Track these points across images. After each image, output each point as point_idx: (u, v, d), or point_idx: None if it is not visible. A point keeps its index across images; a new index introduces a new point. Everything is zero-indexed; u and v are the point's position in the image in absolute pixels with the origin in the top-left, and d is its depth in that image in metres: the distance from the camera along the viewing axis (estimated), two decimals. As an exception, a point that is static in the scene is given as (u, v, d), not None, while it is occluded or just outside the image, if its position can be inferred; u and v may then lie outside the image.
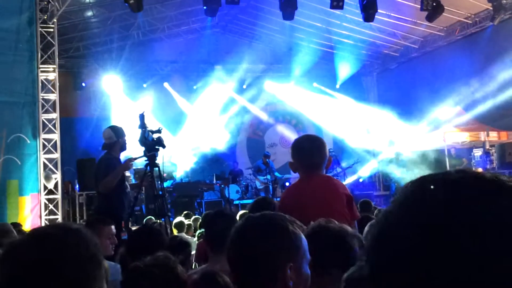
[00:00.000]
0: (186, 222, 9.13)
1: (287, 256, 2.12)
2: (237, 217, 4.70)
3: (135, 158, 7.91)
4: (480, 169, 14.35)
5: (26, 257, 1.63)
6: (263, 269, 2.11)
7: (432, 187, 0.87)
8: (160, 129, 8.32)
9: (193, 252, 6.07)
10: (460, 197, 0.84)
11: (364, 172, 19.58)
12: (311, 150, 4.18)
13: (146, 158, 8.12)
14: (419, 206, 0.86)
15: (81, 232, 1.73)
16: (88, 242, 1.71)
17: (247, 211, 8.92)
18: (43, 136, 12.32)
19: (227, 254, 2.23)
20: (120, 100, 19.12)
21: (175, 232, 8.38)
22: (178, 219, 9.24)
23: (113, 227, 4.94)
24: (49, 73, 12.73)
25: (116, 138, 7.20)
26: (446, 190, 0.85)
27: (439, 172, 0.91)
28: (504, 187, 0.84)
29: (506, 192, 0.83)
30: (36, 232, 1.78)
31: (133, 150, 8.36)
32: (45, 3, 12.64)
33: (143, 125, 8.09)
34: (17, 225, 8.08)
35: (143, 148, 8.09)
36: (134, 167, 10.75)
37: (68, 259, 1.63)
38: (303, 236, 2.21)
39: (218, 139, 20.16)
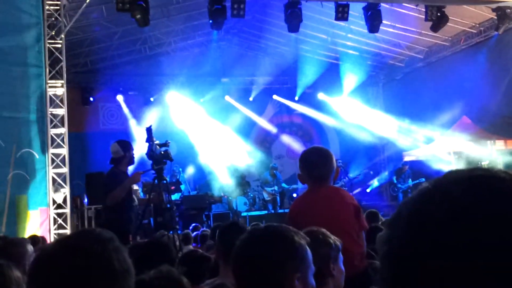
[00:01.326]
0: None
1: (294, 266, 2.15)
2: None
3: (143, 172, 7.97)
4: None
5: (58, 269, 1.59)
6: (270, 280, 2.12)
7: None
8: (168, 142, 8.38)
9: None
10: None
11: (371, 182, 19.58)
12: (318, 162, 4.25)
13: (154, 172, 8.18)
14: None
15: (116, 243, 1.69)
16: (123, 254, 1.67)
17: (255, 223, 8.98)
18: (51, 151, 12.39)
19: (232, 267, 2.26)
20: (128, 114, 19.23)
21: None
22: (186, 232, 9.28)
23: None
24: (57, 88, 12.83)
25: (123, 152, 7.27)
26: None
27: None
28: None
29: None
30: (69, 242, 1.72)
31: (141, 164, 8.44)
32: (53, 19, 12.77)
33: (150, 139, 8.15)
34: (39, 239, 8.13)
35: (150, 162, 8.16)
36: (142, 181, 10.83)
37: (103, 274, 1.59)
38: (307, 247, 2.24)
39: (226, 152, 20.18)
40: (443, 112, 16.81)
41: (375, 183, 19.75)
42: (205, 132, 20.12)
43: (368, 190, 19.46)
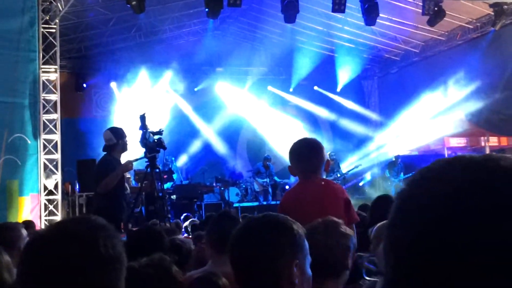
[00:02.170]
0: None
1: (293, 253, 2.14)
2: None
3: (135, 160, 7.92)
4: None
5: (49, 254, 1.59)
6: (269, 267, 2.12)
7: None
8: (161, 130, 8.33)
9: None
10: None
11: (364, 176, 19.60)
12: (307, 154, 4.18)
13: (146, 160, 8.13)
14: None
15: (108, 230, 1.68)
16: (115, 241, 1.66)
17: (245, 214, 8.96)
18: (43, 136, 12.33)
19: (230, 255, 2.23)
20: (121, 101, 19.14)
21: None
22: (175, 221, 9.25)
23: None
24: (51, 74, 12.75)
25: (116, 139, 7.19)
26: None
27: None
28: None
29: None
30: (61, 228, 1.72)
31: (134, 152, 8.38)
32: (48, 3, 12.66)
33: (144, 127, 8.10)
34: (31, 224, 8.09)
35: (143, 150, 8.11)
36: (134, 169, 10.77)
37: (90, 260, 1.59)
38: (303, 236, 2.23)
39: (218, 141, 20.17)
40: (438, 107, 16.82)
41: (368, 176, 19.76)
42: (198, 122, 20.09)
43: (361, 184, 19.46)
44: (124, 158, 7.52)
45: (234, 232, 2.25)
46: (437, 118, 16.96)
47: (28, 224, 7.63)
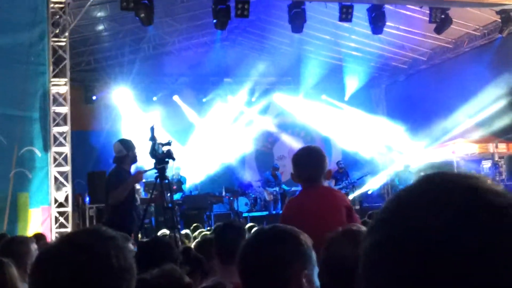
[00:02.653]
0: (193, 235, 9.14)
1: (302, 263, 2.17)
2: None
3: (146, 171, 7.97)
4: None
5: (59, 265, 1.60)
6: (278, 279, 2.14)
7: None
8: (170, 141, 8.37)
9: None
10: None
11: (373, 184, 19.55)
12: (308, 163, 4.23)
13: (156, 171, 8.17)
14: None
15: (119, 241, 1.69)
16: (126, 252, 1.68)
17: (252, 224, 8.97)
18: (54, 149, 12.38)
19: (238, 266, 2.25)
20: (131, 113, 19.23)
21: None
22: (184, 231, 9.26)
23: None
24: (61, 87, 12.82)
25: (126, 151, 7.25)
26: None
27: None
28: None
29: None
30: (72, 239, 1.73)
31: (144, 163, 8.42)
32: (57, 17, 12.77)
33: (153, 138, 8.14)
34: (42, 237, 8.12)
35: (153, 161, 8.15)
36: (144, 180, 10.82)
37: (101, 271, 1.60)
38: (311, 246, 2.26)
39: (227, 152, 20.21)
40: (446, 114, 16.79)
41: (376, 185, 19.71)
42: (207, 132, 20.17)
43: (369, 192, 19.43)
44: (133, 169, 7.58)
45: (243, 244, 2.28)
46: (445, 126, 16.90)
47: (39, 237, 7.66)
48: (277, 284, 2.15)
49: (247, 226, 6.92)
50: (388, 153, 20.25)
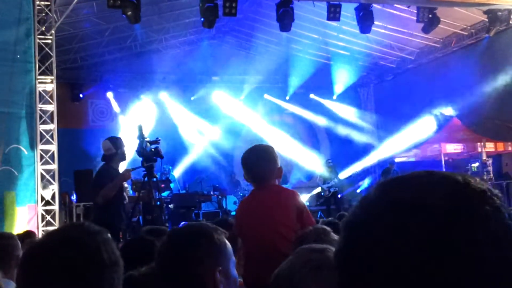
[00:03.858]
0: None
1: (214, 260, 2.23)
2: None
3: (133, 169, 7.92)
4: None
5: (47, 260, 1.58)
6: (193, 276, 2.21)
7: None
8: (158, 140, 8.34)
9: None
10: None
11: (361, 183, 19.62)
12: (256, 162, 4.17)
13: (144, 169, 8.13)
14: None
15: (106, 235, 1.70)
16: (113, 245, 1.69)
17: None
18: (40, 147, 12.28)
19: (156, 266, 2.34)
20: (118, 111, 19.14)
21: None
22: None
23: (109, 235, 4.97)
24: (47, 84, 12.72)
25: (115, 149, 7.20)
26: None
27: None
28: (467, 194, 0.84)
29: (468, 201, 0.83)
30: (60, 234, 1.72)
31: (132, 161, 8.38)
32: (43, 14, 12.67)
33: (141, 136, 8.10)
34: (33, 234, 8.01)
35: (141, 159, 8.11)
36: (132, 178, 10.76)
37: (92, 265, 1.60)
38: (227, 241, 2.33)
39: (216, 150, 20.17)
40: (434, 113, 16.85)
41: (365, 183, 19.78)
42: (195, 131, 20.11)
43: (358, 191, 19.47)
44: (122, 167, 7.52)
45: (160, 244, 2.35)
46: (434, 125, 16.97)
47: (29, 234, 7.58)
48: (192, 282, 2.20)
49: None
50: (376, 152, 20.29)
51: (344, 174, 18.40)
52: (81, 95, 18.91)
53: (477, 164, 16.35)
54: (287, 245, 3.64)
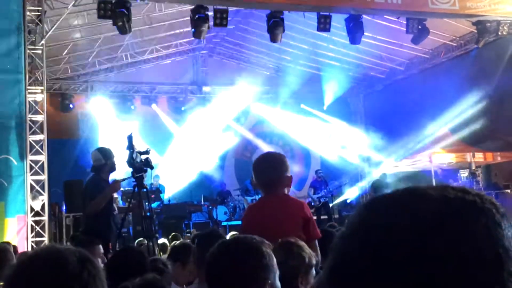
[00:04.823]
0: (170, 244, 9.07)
1: (265, 275, 2.25)
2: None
3: (123, 179, 7.89)
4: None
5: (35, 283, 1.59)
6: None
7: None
8: (148, 150, 8.31)
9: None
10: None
11: (351, 193, 19.64)
12: (266, 169, 4.19)
13: (134, 180, 8.10)
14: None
15: (95, 266, 1.69)
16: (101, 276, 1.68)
17: (235, 232, 8.94)
18: (30, 157, 12.23)
19: (206, 278, 2.32)
20: (108, 121, 19.09)
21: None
22: (161, 241, 9.19)
23: (100, 246, 4.97)
24: (37, 95, 12.68)
25: (104, 160, 7.19)
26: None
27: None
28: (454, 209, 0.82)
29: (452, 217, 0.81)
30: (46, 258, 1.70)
31: (122, 171, 8.35)
32: (34, 25, 12.65)
33: (131, 147, 8.07)
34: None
35: (130, 170, 8.08)
36: (122, 189, 10.73)
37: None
38: (272, 254, 2.35)
39: (206, 161, 20.14)
40: (423, 124, 16.91)
41: (355, 193, 19.79)
42: (185, 141, 20.09)
43: (348, 201, 19.49)
44: (112, 178, 7.50)
45: (208, 256, 2.33)
46: (423, 135, 17.03)
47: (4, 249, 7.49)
48: None
49: (229, 235, 6.88)
50: (366, 162, 20.35)
51: (333, 184, 18.42)
52: (71, 106, 18.84)
53: (466, 174, 16.43)
54: None
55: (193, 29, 13.14)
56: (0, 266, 4.15)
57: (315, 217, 17.38)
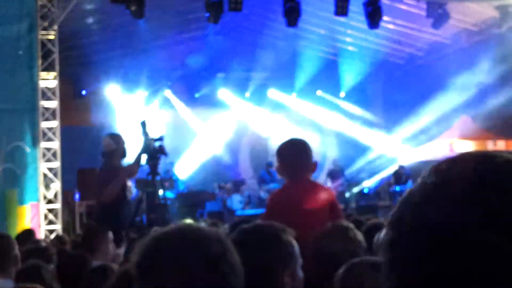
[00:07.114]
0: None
1: (284, 263, 2.22)
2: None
3: (139, 164, 7.73)
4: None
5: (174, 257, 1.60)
6: (263, 281, 2.14)
7: None
8: (162, 136, 8.15)
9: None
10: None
11: (369, 182, 19.39)
12: (294, 154, 4.16)
13: (148, 166, 7.97)
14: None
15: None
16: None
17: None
18: (43, 144, 12.12)
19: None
20: (121, 108, 18.96)
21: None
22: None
23: (110, 233, 4.90)
24: (50, 81, 12.56)
25: (115, 146, 7.04)
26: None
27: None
28: None
29: None
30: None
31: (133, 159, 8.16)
32: (46, 10, 12.48)
33: (144, 133, 7.92)
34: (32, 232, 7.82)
35: (145, 156, 7.92)
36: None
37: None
38: (294, 242, 2.29)
39: (221, 148, 20.00)
40: (444, 111, 16.63)
41: (372, 183, 19.54)
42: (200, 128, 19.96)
43: (365, 191, 19.23)
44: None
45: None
46: (443, 123, 16.76)
47: (29, 233, 7.45)
48: (261, 284, 2.14)
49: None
50: (384, 150, 20.07)
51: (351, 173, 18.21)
52: (84, 92, 18.71)
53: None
54: None
55: (207, 14, 12.99)
56: (4, 254, 4.10)
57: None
